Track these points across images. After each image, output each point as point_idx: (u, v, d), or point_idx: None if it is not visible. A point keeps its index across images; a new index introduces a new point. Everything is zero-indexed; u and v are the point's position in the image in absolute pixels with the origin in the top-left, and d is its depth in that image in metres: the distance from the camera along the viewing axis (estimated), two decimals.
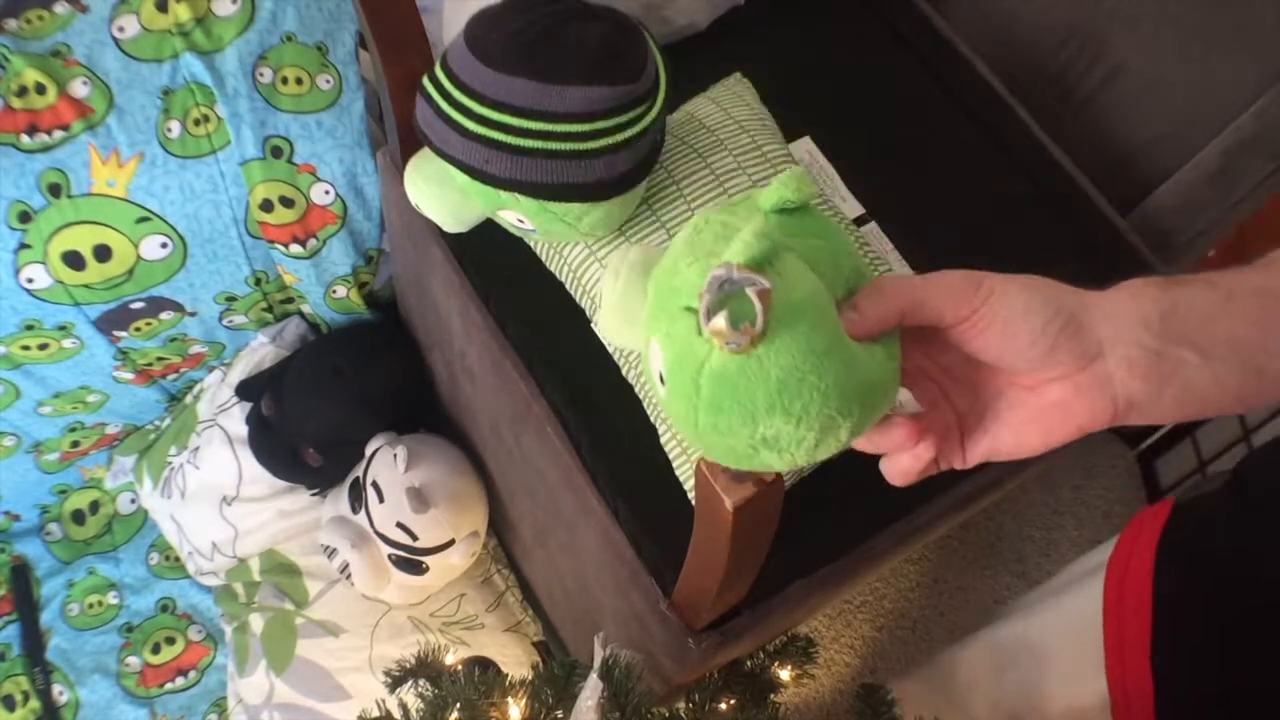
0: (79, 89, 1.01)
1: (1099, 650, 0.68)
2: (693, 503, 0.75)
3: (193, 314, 1.19)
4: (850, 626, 1.51)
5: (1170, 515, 0.69)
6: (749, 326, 0.38)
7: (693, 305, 0.40)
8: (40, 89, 1.00)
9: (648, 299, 0.44)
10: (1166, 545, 0.67)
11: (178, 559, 1.36)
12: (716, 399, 0.40)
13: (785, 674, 0.97)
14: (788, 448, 0.41)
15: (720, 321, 0.38)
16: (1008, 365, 0.43)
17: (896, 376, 0.43)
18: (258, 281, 1.20)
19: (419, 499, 1.16)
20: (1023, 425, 0.44)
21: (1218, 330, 0.41)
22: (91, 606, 1.33)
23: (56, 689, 1.27)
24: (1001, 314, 0.41)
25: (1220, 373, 0.41)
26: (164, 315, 1.17)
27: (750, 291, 0.38)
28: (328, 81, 1.08)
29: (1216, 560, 0.64)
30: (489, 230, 0.86)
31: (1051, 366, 0.42)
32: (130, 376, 1.24)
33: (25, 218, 1.02)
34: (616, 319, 0.67)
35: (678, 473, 0.83)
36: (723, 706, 0.88)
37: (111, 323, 1.14)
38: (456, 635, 1.26)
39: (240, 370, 1.29)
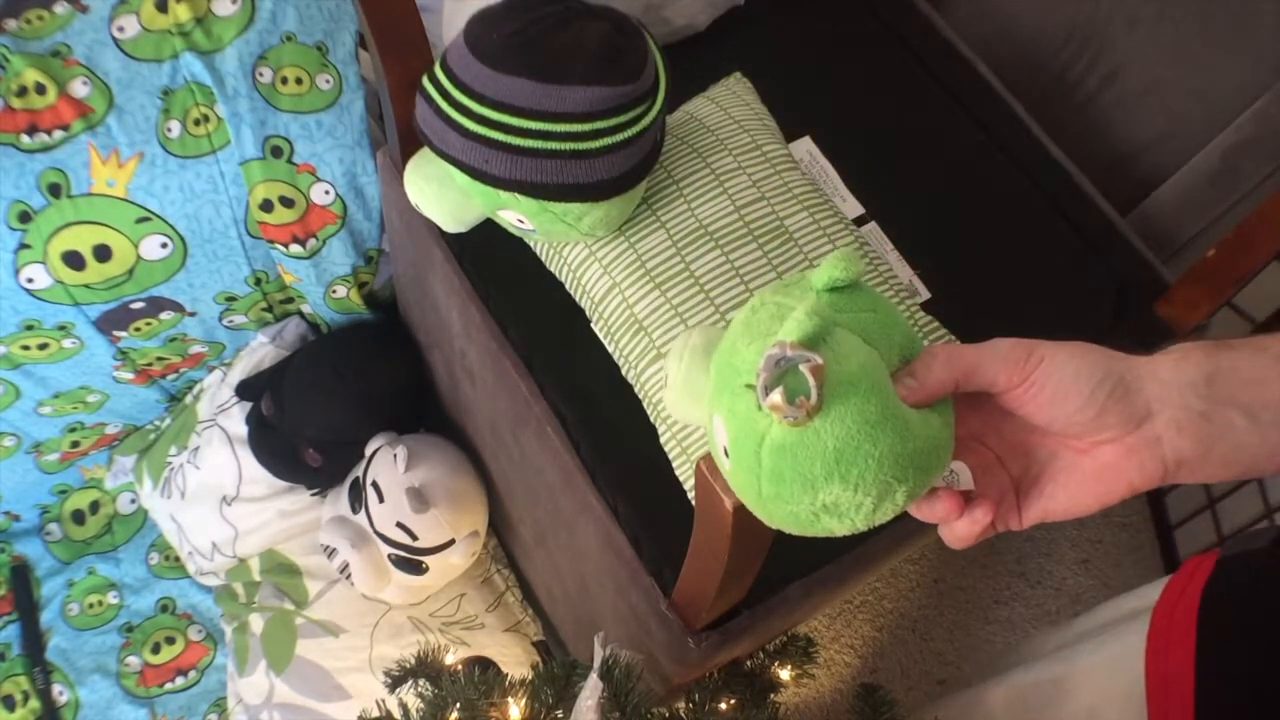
0: (79, 89, 1.01)
1: (1137, 698, 0.68)
2: (693, 503, 0.75)
3: (193, 314, 1.19)
4: (850, 626, 1.51)
5: (1215, 569, 0.69)
6: (804, 400, 0.40)
7: (752, 383, 0.42)
8: (40, 89, 1.00)
9: (710, 378, 0.47)
10: (1210, 601, 0.68)
11: (178, 559, 1.36)
12: (778, 470, 0.42)
13: (785, 674, 0.97)
14: (847, 513, 0.43)
15: (777, 397, 0.40)
16: (1059, 429, 0.44)
17: (950, 441, 0.45)
18: (258, 281, 1.20)
19: (419, 499, 1.16)
20: (1077, 487, 0.46)
21: (1265, 393, 0.42)
22: (91, 606, 1.33)
23: (56, 689, 1.27)
24: (1052, 379, 0.43)
25: (1269, 435, 0.42)
26: (164, 315, 1.17)
27: (804, 368, 0.40)
28: (328, 81, 1.08)
29: (1261, 617, 0.65)
30: (489, 230, 0.86)
31: (1102, 429, 0.43)
32: (130, 376, 1.24)
33: (25, 218, 1.02)
34: (682, 398, 0.70)
35: (678, 473, 0.83)
36: (723, 706, 0.88)
37: (111, 323, 1.14)
38: (456, 635, 1.26)
39: (240, 370, 1.29)
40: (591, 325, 0.87)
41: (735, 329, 0.46)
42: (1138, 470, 0.43)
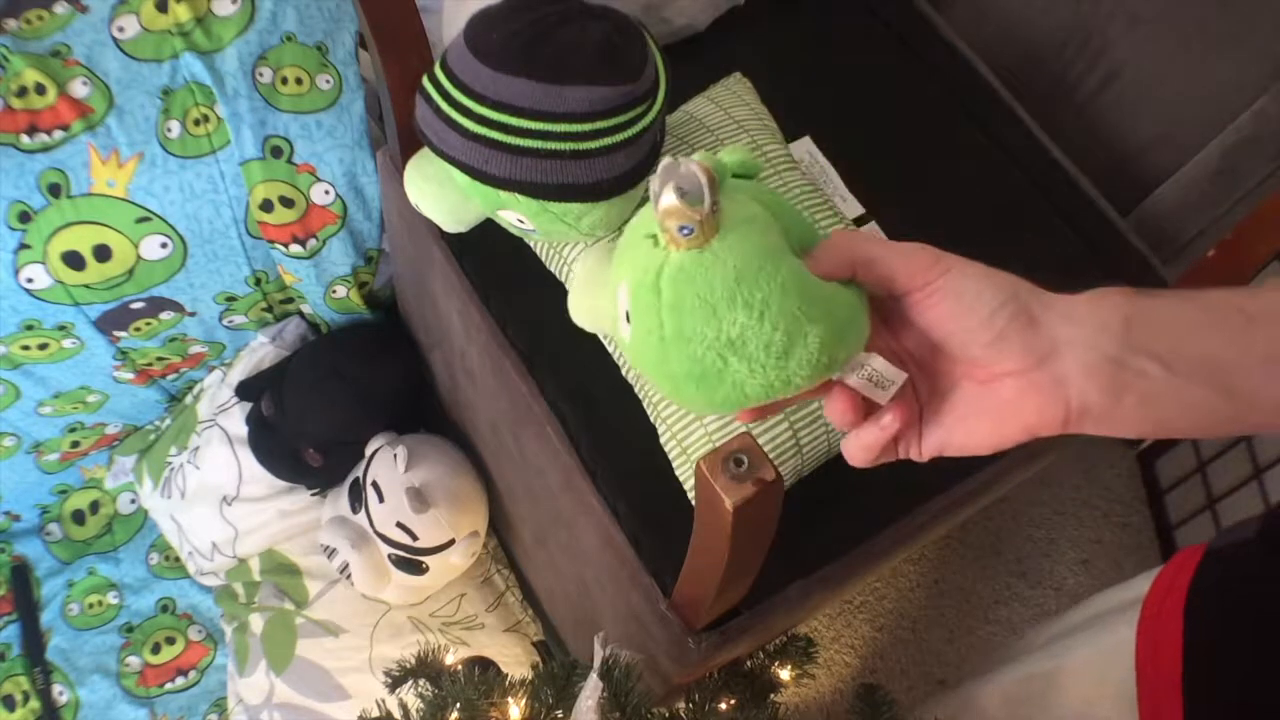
0: (79, 89, 1.01)
1: (1129, 690, 0.68)
2: (693, 503, 0.75)
3: (193, 314, 1.19)
4: (850, 626, 1.51)
5: (1202, 561, 0.69)
6: (699, 205, 0.39)
7: (651, 232, 0.41)
8: (40, 89, 1.00)
9: (614, 258, 0.45)
10: (1197, 592, 0.67)
11: (178, 559, 1.36)
12: (678, 298, 0.40)
13: (785, 674, 0.97)
14: (757, 354, 0.40)
15: (671, 197, 0.38)
16: (958, 347, 0.43)
17: (862, 309, 0.43)
18: (258, 281, 1.20)
19: (419, 499, 1.16)
20: (973, 420, 0.44)
21: (1186, 344, 0.39)
22: (91, 606, 1.33)
23: (56, 689, 1.27)
24: (953, 290, 0.42)
25: (1185, 389, 0.39)
26: (164, 315, 1.17)
27: (695, 167, 0.39)
28: (328, 81, 1.08)
29: (1247, 610, 0.64)
30: (489, 230, 0.86)
31: (1002, 356, 0.41)
32: (130, 376, 1.24)
33: (25, 218, 1.02)
34: (587, 288, 0.67)
35: (678, 473, 0.83)
36: (723, 706, 0.88)
37: (111, 323, 1.14)
38: (456, 635, 1.26)
39: (240, 370, 1.29)
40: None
41: (639, 213, 0.45)
42: (1036, 411, 0.41)
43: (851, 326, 0.42)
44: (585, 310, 0.72)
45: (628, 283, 0.43)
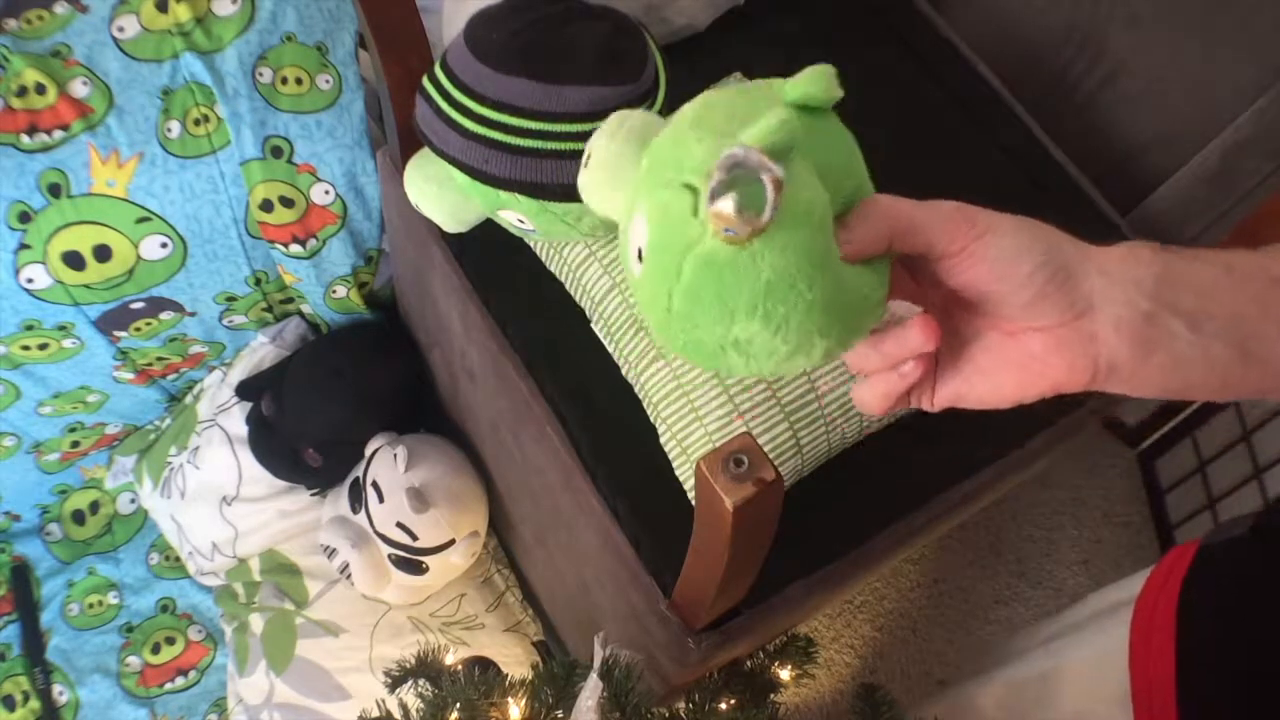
0: (79, 89, 1.01)
1: (1124, 692, 0.68)
2: (693, 503, 0.75)
3: (193, 314, 1.19)
4: (850, 626, 1.51)
5: (1195, 559, 0.69)
6: (754, 216, 0.35)
7: (693, 183, 0.38)
8: (40, 89, 1.00)
9: (641, 168, 0.42)
10: (1190, 590, 0.67)
11: (178, 559, 1.36)
12: (696, 287, 0.37)
13: (785, 674, 0.97)
14: (757, 355, 0.39)
15: (728, 205, 0.35)
16: (992, 307, 0.41)
17: (881, 303, 0.42)
18: (258, 281, 1.20)
19: (419, 499, 1.16)
20: (998, 373, 0.43)
21: (1212, 303, 0.39)
22: (91, 606, 1.33)
23: (56, 689, 1.27)
24: (992, 253, 0.40)
25: (1211, 348, 0.39)
26: (164, 315, 1.17)
27: (765, 178, 0.35)
28: (327, 81, 1.08)
29: (1240, 607, 0.64)
30: (489, 230, 0.86)
31: (1037, 314, 0.40)
32: (130, 376, 1.24)
33: (25, 218, 1.02)
34: (603, 180, 0.64)
35: (678, 473, 0.83)
36: (723, 706, 0.88)
37: (111, 323, 1.14)
38: (456, 635, 1.26)
39: (240, 370, 1.29)
40: (591, 325, 0.87)
41: (683, 120, 0.41)
42: (1065, 368, 0.40)
43: (862, 327, 0.41)
44: (597, 200, 0.68)
45: (649, 226, 0.39)
